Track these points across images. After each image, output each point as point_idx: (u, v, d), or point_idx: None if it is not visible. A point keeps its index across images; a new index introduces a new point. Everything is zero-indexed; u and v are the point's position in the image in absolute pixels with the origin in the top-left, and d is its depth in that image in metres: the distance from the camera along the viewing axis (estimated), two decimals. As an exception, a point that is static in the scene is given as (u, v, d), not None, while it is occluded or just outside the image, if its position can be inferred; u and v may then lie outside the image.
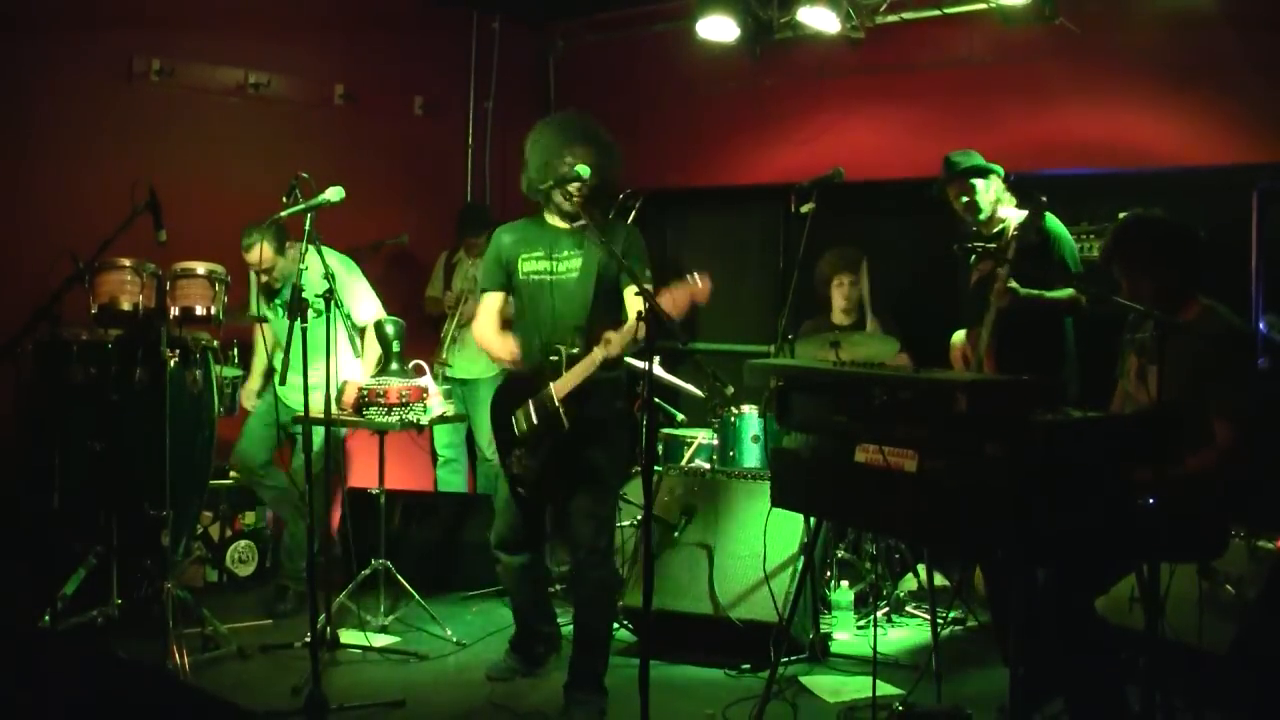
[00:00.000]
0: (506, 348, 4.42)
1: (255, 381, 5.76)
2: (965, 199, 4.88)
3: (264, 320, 5.58)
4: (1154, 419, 3.48)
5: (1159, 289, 3.73)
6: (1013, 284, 4.42)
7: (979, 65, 5.95)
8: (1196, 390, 3.62)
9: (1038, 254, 4.60)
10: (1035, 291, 4.55)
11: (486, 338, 4.49)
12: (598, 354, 4.08)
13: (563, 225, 4.38)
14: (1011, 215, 4.83)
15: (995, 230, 4.86)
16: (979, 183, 4.85)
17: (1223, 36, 5.24)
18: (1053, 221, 4.72)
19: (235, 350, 5.51)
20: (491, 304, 4.49)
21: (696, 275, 3.88)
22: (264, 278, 5.40)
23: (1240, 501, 3.75)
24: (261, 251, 5.23)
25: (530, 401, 4.27)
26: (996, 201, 4.88)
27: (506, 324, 4.57)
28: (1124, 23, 5.48)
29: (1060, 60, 5.63)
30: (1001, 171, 4.89)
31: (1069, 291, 4.62)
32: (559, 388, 4.18)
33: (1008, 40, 5.74)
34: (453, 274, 6.72)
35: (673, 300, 3.83)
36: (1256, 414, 3.64)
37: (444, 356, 6.54)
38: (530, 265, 4.37)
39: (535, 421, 4.25)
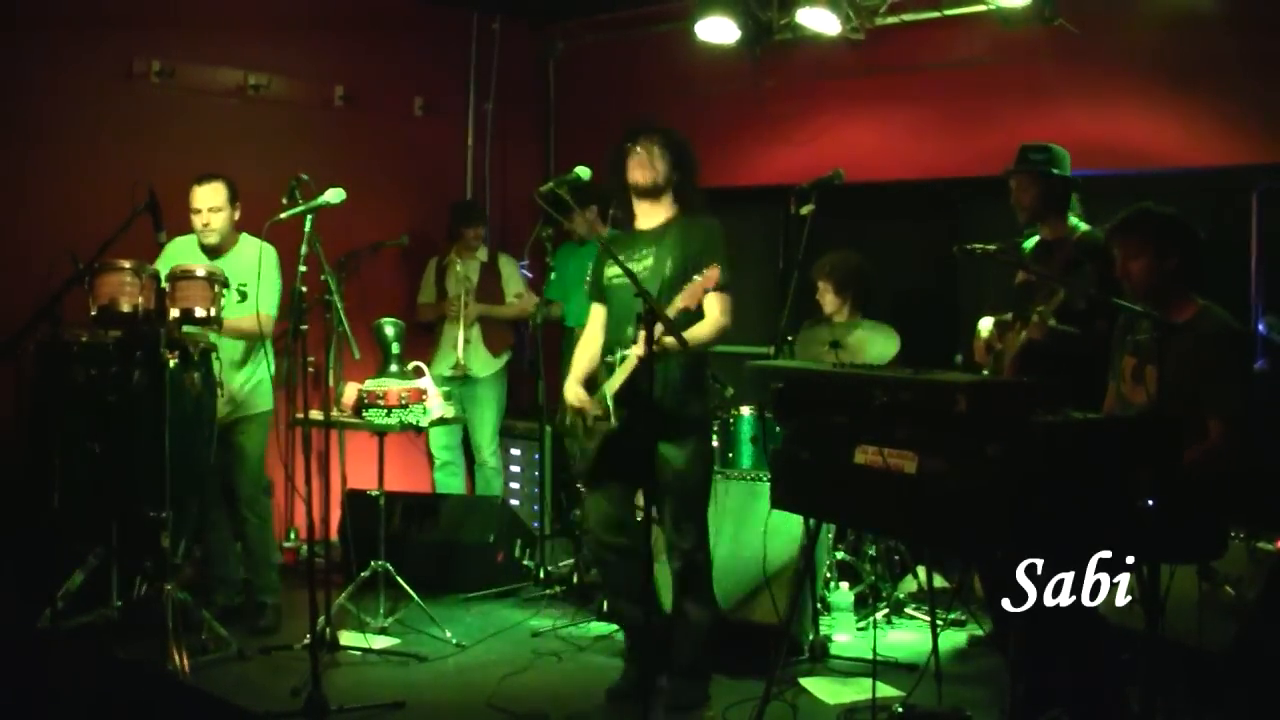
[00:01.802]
0: (577, 394, 4.47)
1: None
2: (1012, 197, 4.76)
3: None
4: (1154, 420, 3.48)
5: (1151, 276, 3.75)
6: (1052, 322, 4.25)
7: (979, 66, 5.94)
8: (1193, 390, 3.62)
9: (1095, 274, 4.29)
10: (1070, 330, 4.30)
11: (578, 352, 4.63)
12: (632, 356, 4.19)
13: (645, 227, 4.48)
14: (1078, 228, 4.63)
15: (1056, 238, 4.63)
16: (1012, 183, 4.72)
17: (1223, 37, 5.22)
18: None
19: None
20: (594, 317, 4.62)
21: (701, 272, 4.07)
22: (201, 222, 5.15)
23: (1239, 502, 3.75)
24: (217, 192, 5.15)
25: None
26: (1056, 212, 4.64)
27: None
28: (1124, 23, 5.47)
29: (1060, 61, 5.61)
30: (1073, 180, 4.68)
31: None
32: (611, 386, 4.30)
33: (1008, 41, 5.73)
34: (444, 277, 6.70)
35: (689, 295, 4.06)
36: (1248, 413, 3.64)
37: (462, 361, 6.50)
38: (611, 270, 4.48)
39: (593, 418, 4.40)
